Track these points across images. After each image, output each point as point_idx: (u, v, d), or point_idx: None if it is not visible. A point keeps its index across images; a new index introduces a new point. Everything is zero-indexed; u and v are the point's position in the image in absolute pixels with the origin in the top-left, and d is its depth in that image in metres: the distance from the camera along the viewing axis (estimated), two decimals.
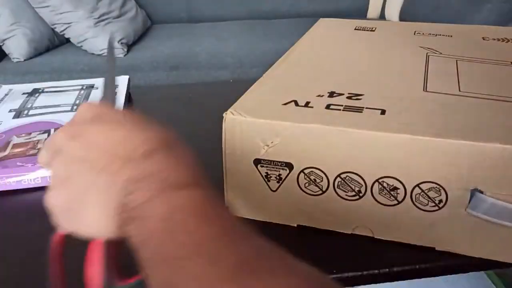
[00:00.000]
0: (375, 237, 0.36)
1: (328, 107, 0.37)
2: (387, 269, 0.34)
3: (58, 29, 1.81)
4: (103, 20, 1.83)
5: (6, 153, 0.46)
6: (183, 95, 0.67)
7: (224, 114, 0.36)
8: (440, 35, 0.56)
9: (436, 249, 0.35)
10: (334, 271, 0.33)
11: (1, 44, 1.74)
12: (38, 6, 1.75)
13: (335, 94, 0.39)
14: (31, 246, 0.36)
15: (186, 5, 2.25)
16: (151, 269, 0.23)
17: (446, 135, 0.32)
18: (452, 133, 0.32)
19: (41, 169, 0.44)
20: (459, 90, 0.40)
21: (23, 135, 0.50)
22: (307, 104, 0.37)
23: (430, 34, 0.57)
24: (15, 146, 0.48)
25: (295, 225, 0.38)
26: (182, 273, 0.21)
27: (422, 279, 0.35)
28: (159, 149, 0.26)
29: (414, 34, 0.57)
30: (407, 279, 0.34)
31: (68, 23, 1.78)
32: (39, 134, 0.50)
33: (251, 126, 0.35)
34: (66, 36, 1.83)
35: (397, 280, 0.34)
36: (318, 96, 0.39)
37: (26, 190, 0.44)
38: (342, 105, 0.37)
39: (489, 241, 0.34)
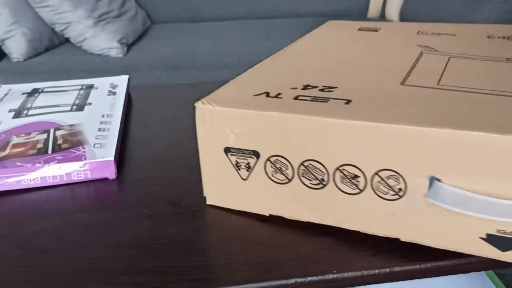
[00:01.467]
0: (341, 226, 0.36)
1: (296, 98, 0.37)
2: (387, 269, 0.34)
3: (58, 29, 1.81)
4: (102, 20, 1.83)
5: (5, 153, 0.46)
6: (183, 95, 0.67)
7: (195, 104, 0.37)
8: (444, 34, 0.56)
9: (401, 240, 0.35)
10: (334, 271, 0.33)
11: (0, 44, 1.74)
12: (38, 6, 1.75)
13: (309, 87, 0.40)
14: (31, 246, 0.36)
15: (186, 5, 2.25)
16: None
17: (401, 121, 0.32)
18: (409, 119, 0.32)
19: (40, 169, 0.44)
20: (438, 84, 0.39)
21: (22, 135, 0.50)
22: (277, 95, 0.38)
23: (433, 33, 0.56)
24: (15, 146, 0.48)
25: (267, 215, 0.39)
26: None
27: (422, 279, 0.35)
28: None
29: (417, 34, 0.57)
30: (407, 279, 0.34)
31: (68, 23, 1.78)
32: (39, 134, 0.50)
33: (219, 115, 0.36)
34: (66, 36, 1.83)
35: (397, 280, 0.34)
36: (292, 88, 0.39)
37: (26, 190, 0.44)
38: (310, 96, 0.37)
39: (450, 231, 0.33)
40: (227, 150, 0.37)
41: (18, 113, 0.56)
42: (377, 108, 0.35)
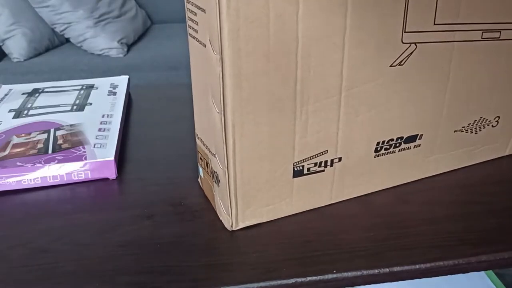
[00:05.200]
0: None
1: None
2: (387, 269, 0.34)
3: (58, 29, 1.81)
4: (103, 20, 1.83)
5: (6, 153, 0.46)
6: (183, 95, 0.67)
7: None
8: None
9: None
10: (334, 271, 0.33)
11: (1, 44, 1.75)
12: (38, 6, 1.75)
13: None
14: (31, 246, 0.36)
15: None
16: None
17: None
18: None
19: (40, 169, 0.44)
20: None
21: (23, 135, 0.50)
22: None
23: None
24: (15, 146, 0.48)
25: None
26: None
27: (422, 279, 0.35)
28: None
29: None
30: (407, 279, 0.34)
31: (68, 23, 1.78)
32: (39, 134, 0.50)
33: None
34: (66, 36, 1.83)
35: (397, 280, 0.34)
36: None
37: (26, 190, 0.44)
38: None
39: None
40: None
41: (18, 113, 0.56)
42: None
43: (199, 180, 0.44)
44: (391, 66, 0.37)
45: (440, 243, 0.36)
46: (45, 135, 0.50)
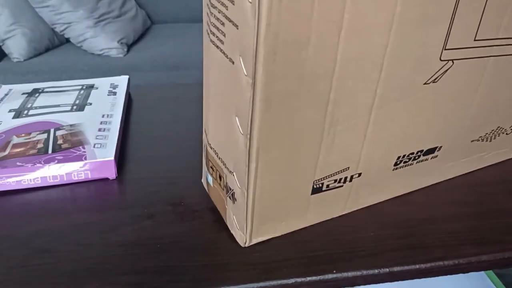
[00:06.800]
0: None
1: None
2: (387, 269, 0.34)
3: (58, 29, 1.81)
4: (103, 20, 1.83)
5: (5, 153, 0.46)
6: (183, 95, 0.67)
7: None
8: None
9: None
10: (334, 271, 0.33)
11: (1, 44, 1.74)
12: (38, 6, 1.75)
13: None
14: (31, 246, 0.36)
15: (186, 5, 2.25)
16: None
17: None
18: None
19: (40, 169, 0.44)
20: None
21: (23, 135, 0.50)
22: None
23: None
24: (15, 146, 0.48)
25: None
26: None
27: (422, 279, 0.35)
28: None
29: None
30: (407, 279, 0.34)
31: (68, 23, 1.78)
32: (39, 134, 0.50)
33: None
34: (66, 36, 1.83)
35: (397, 280, 0.34)
36: None
37: (26, 190, 0.44)
38: None
39: None
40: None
41: (18, 113, 0.56)
42: None
43: (204, 185, 0.43)
44: (425, 83, 0.35)
45: (440, 243, 0.36)
46: (45, 135, 0.50)
